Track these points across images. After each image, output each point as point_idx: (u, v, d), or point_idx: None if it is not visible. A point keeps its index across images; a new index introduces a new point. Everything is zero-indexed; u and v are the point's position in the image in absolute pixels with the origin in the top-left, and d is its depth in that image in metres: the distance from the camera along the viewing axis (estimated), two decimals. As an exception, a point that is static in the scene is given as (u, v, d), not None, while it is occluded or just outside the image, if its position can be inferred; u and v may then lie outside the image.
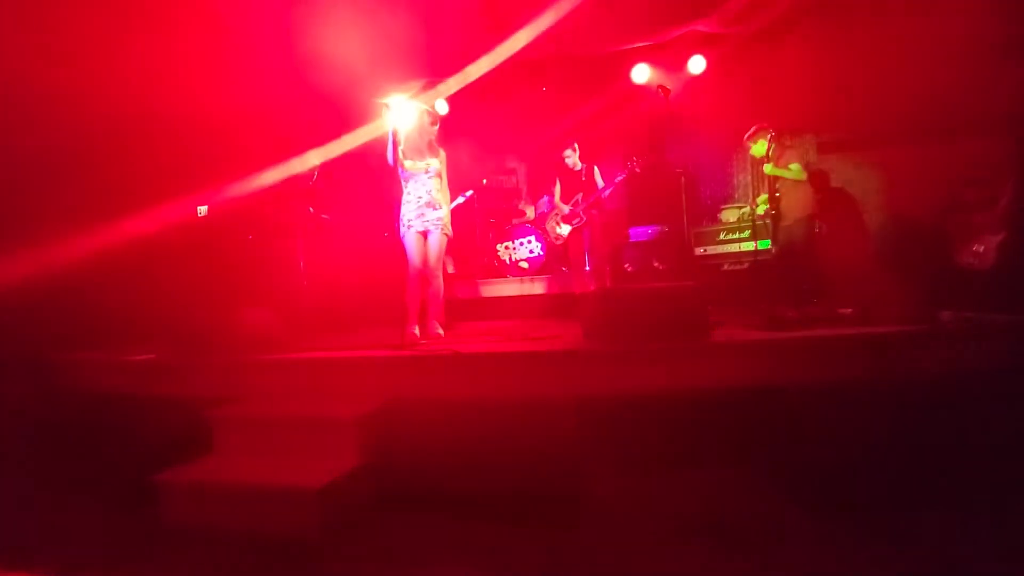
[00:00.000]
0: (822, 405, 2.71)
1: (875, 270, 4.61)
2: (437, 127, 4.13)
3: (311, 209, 5.37)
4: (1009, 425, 2.54)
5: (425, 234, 4.01)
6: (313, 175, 5.41)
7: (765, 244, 5.24)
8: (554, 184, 6.11)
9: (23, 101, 3.79)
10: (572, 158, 5.94)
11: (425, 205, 3.99)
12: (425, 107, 4.18)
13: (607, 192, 5.81)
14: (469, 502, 2.68)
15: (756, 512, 2.47)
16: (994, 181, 4.43)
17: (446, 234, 4.04)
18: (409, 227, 4.01)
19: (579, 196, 5.88)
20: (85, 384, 3.59)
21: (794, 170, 4.58)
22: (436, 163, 4.06)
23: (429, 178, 4.02)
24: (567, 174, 5.96)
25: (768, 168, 4.69)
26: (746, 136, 4.96)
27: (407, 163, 4.02)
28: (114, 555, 2.46)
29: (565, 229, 6.04)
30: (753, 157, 5.06)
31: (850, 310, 3.74)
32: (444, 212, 4.04)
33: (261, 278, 4.85)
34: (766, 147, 4.76)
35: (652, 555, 2.25)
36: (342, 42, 4.83)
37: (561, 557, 2.28)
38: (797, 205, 4.59)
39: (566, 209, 5.93)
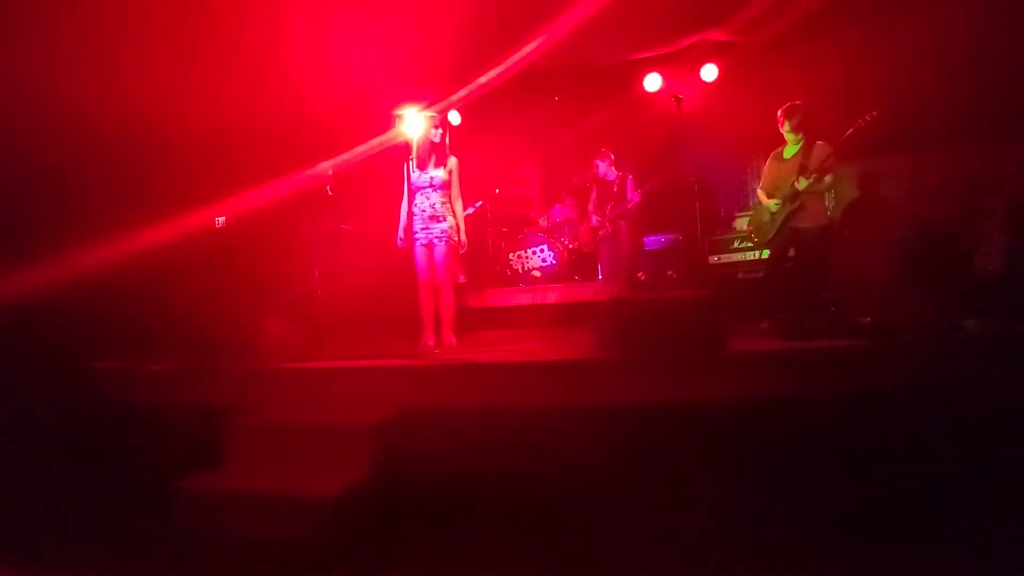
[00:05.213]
0: (841, 416, 2.66)
1: (896, 279, 4.50)
2: (441, 132, 4.05)
3: (337, 221, 5.42)
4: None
5: (431, 246, 4.01)
6: (328, 187, 5.46)
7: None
8: (591, 193, 5.83)
9: (44, 113, 3.88)
10: (603, 167, 5.67)
11: (430, 218, 3.99)
12: (431, 114, 4.19)
13: (631, 204, 5.58)
14: (482, 511, 2.66)
15: (771, 525, 2.42)
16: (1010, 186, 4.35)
17: (452, 245, 4.01)
18: (416, 240, 4.02)
19: (607, 207, 5.62)
20: (102, 392, 3.63)
21: (828, 180, 4.11)
22: (441, 174, 4.02)
23: (434, 191, 4.02)
24: (601, 184, 5.74)
25: (802, 183, 4.07)
26: (781, 119, 4.25)
27: (413, 176, 4.04)
28: (129, 561, 2.48)
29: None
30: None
31: (869, 319, 3.68)
32: (450, 224, 4.00)
33: (277, 288, 4.89)
34: (799, 138, 4.18)
35: (668, 568, 2.21)
36: (358, 55, 4.90)
37: (574, 569, 2.25)
38: (819, 211, 4.21)
39: (593, 220, 5.71)
